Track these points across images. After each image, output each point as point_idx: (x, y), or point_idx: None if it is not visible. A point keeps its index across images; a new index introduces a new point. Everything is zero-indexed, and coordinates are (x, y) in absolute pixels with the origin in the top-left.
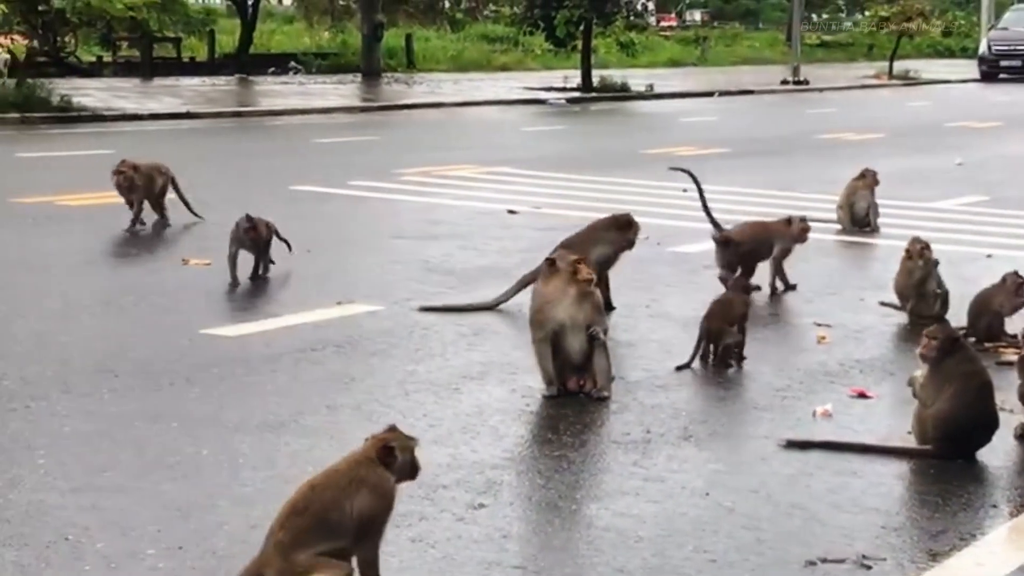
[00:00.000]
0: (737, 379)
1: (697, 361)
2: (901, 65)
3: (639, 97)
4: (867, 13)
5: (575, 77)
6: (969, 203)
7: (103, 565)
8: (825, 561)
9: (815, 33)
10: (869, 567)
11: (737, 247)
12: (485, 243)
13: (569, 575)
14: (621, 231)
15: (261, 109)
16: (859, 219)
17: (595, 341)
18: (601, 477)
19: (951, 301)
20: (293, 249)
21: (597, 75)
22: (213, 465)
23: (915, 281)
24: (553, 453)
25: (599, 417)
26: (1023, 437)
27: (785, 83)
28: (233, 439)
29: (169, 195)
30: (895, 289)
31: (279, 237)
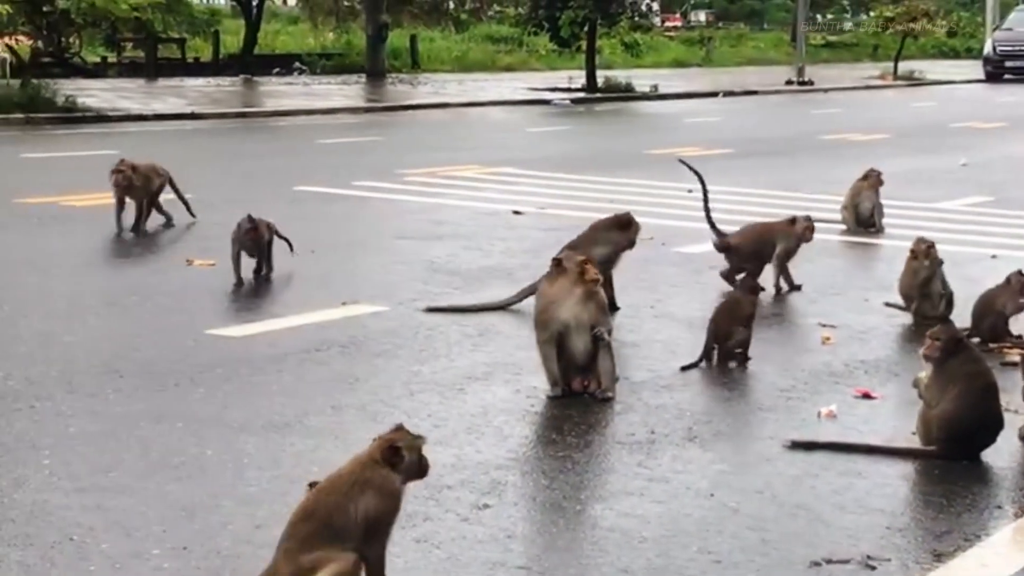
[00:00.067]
0: (742, 380)
1: (703, 361)
2: (906, 66)
3: (643, 97)
4: (872, 13)
5: (579, 78)
6: (973, 204)
7: (108, 565)
8: (830, 562)
9: (820, 33)
10: (874, 568)
11: (738, 252)
12: (490, 243)
13: (573, 575)
14: (622, 231)
15: (265, 110)
16: (864, 219)
17: (599, 341)
18: (605, 478)
19: (955, 301)
20: (296, 250)
21: (601, 76)
22: (218, 465)
23: (920, 281)
24: (557, 454)
25: (603, 418)
26: None
27: (790, 83)
28: (238, 439)
29: (169, 196)
30: (900, 290)
31: (280, 236)
